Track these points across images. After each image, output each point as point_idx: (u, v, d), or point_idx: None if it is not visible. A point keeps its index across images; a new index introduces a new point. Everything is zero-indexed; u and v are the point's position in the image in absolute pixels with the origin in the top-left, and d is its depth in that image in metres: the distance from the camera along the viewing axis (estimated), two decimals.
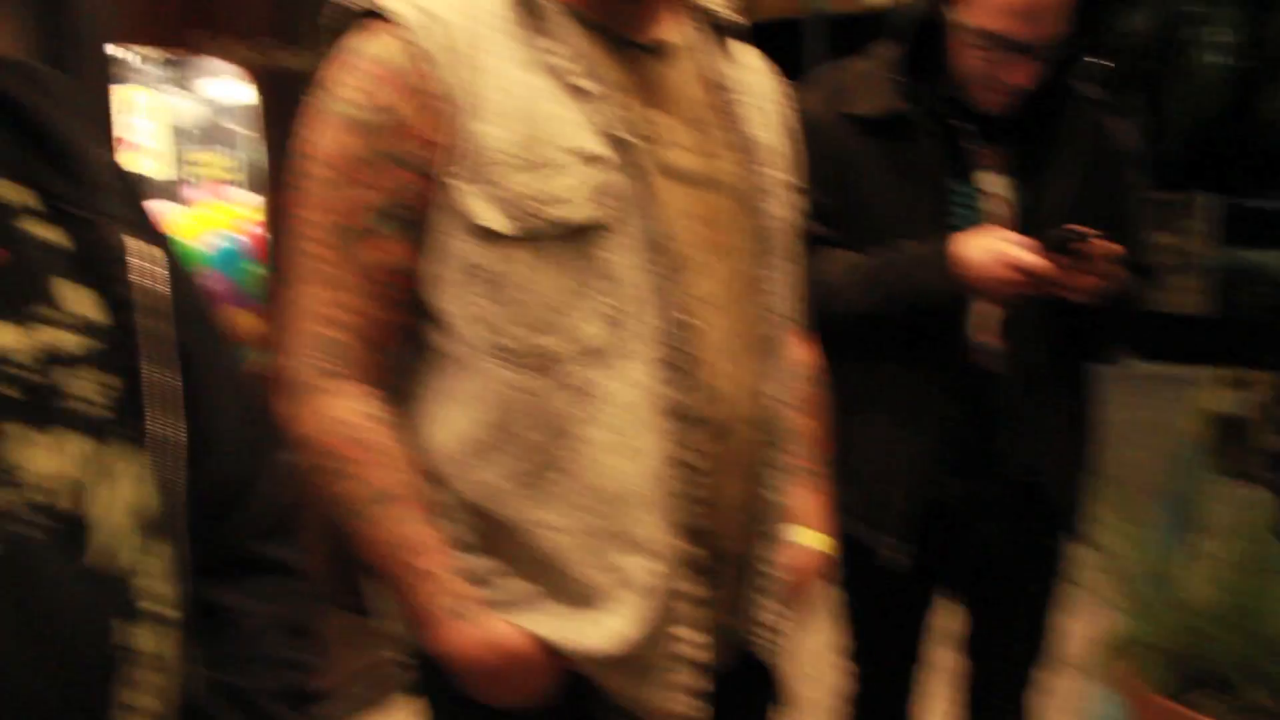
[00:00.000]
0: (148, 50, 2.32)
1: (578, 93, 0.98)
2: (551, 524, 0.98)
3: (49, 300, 0.66)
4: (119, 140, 1.57)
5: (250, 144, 2.57)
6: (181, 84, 2.52)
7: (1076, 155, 1.64)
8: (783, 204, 1.11)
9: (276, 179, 2.50)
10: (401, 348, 1.04)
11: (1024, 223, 1.60)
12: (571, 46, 0.99)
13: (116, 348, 0.68)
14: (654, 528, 0.98)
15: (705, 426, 1.00)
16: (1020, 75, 1.56)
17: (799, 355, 1.22)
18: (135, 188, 0.77)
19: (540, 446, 0.97)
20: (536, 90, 0.97)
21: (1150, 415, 1.65)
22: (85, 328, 0.67)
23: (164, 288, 0.70)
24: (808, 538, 1.19)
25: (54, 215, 0.68)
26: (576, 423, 0.97)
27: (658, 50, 1.05)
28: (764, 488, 1.08)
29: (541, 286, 0.96)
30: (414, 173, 0.97)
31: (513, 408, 0.97)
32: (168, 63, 2.47)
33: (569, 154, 0.96)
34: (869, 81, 1.66)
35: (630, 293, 0.97)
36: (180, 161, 2.54)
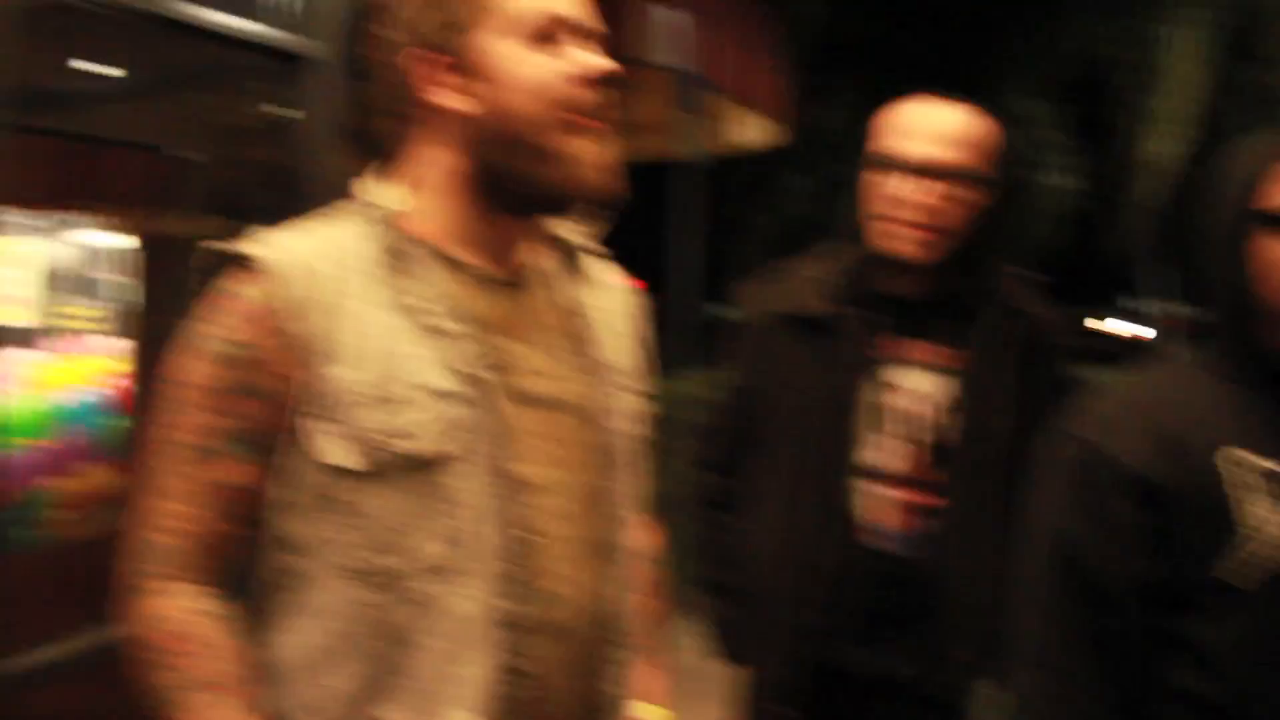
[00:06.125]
0: (24, 211, 2.33)
1: (434, 331, 1.07)
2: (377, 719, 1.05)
3: None
4: None
5: (123, 291, 2.57)
6: (52, 232, 2.52)
7: (1007, 343, 1.68)
8: (627, 420, 1.21)
9: (147, 331, 2.50)
10: (251, 566, 1.10)
11: (956, 416, 1.66)
12: (434, 286, 1.09)
13: None
14: None
15: (543, 632, 1.09)
16: (921, 199, 1.62)
17: (642, 541, 1.30)
18: None
19: (384, 655, 1.04)
20: (394, 331, 1.06)
21: None
22: None
23: None
24: (648, 713, 1.26)
25: None
26: (417, 633, 1.04)
27: (516, 282, 1.15)
28: (604, 682, 1.16)
29: (387, 512, 1.04)
30: (267, 404, 1.05)
31: (359, 620, 1.04)
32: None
33: (419, 390, 1.04)
34: (802, 281, 1.77)
35: (471, 514, 1.05)
36: (47, 311, 2.51)
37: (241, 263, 1.08)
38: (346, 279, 1.07)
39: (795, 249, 1.95)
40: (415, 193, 1.12)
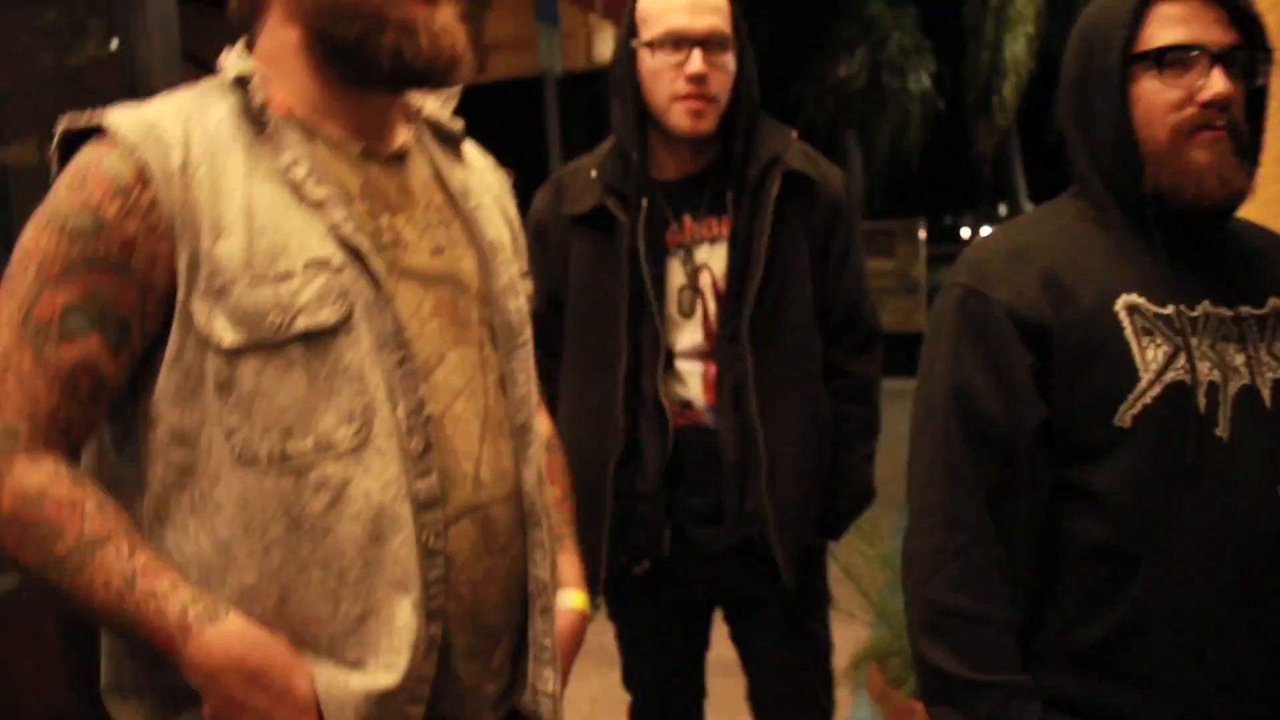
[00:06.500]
0: None
1: (313, 203, 1.01)
2: (314, 617, 1.00)
3: None
4: None
5: None
6: None
7: (773, 203, 1.70)
8: (518, 296, 1.17)
9: None
10: (129, 465, 1.03)
11: (733, 287, 1.70)
12: (306, 157, 1.03)
13: None
14: (408, 613, 1.01)
15: (459, 512, 1.05)
16: (693, 69, 1.63)
17: (544, 424, 1.28)
18: None
19: (294, 545, 0.99)
20: (272, 203, 1.00)
21: (887, 429, 1.84)
22: None
23: None
24: (568, 598, 1.25)
25: None
26: (329, 518, 0.99)
27: (393, 157, 1.10)
28: (530, 564, 1.13)
29: (283, 393, 0.98)
30: (118, 278, 0.97)
31: (263, 510, 0.98)
32: None
33: (304, 262, 0.99)
34: (583, 179, 1.79)
35: (370, 390, 1.00)
36: None
37: (101, 134, 0.99)
38: (216, 149, 1.00)
39: None
40: (273, 69, 1.05)
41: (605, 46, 5.44)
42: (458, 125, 1.20)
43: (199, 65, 2.11)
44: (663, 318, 1.72)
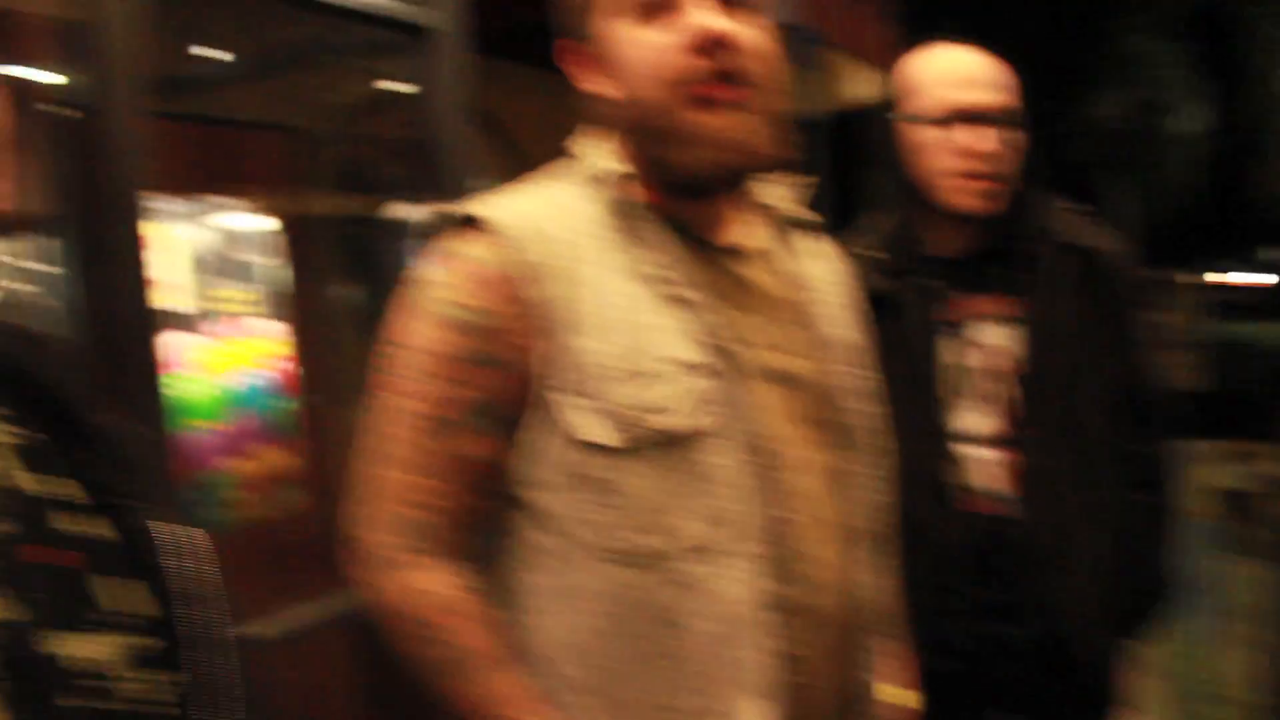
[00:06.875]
0: (171, 198, 2.38)
1: (675, 300, 1.03)
2: (661, 704, 1.01)
3: (114, 600, 0.65)
4: (150, 281, 1.60)
5: (270, 274, 2.62)
6: (198, 216, 2.58)
7: (1066, 282, 1.63)
8: (860, 399, 1.16)
9: (300, 310, 2.54)
10: (495, 539, 1.07)
11: (1031, 370, 1.61)
12: (666, 253, 1.04)
13: (173, 640, 0.67)
14: (753, 715, 1.02)
15: (806, 617, 1.04)
16: (988, 147, 1.59)
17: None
18: (145, 457, 0.76)
19: (653, 637, 1.01)
20: (635, 300, 1.02)
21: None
22: (141, 624, 0.66)
23: (196, 571, 0.69)
24: (894, 695, 1.22)
25: (101, 508, 0.67)
26: (685, 615, 1.00)
27: (736, 252, 1.10)
28: (859, 669, 1.12)
29: (645, 491, 1.00)
30: (506, 375, 1.01)
31: (622, 600, 1.01)
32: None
33: (669, 363, 1.00)
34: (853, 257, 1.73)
35: (731, 492, 1.01)
36: (201, 295, 2.57)
37: (470, 224, 1.04)
38: (579, 243, 1.03)
39: None
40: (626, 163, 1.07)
41: (855, 88, 5.35)
42: (801, 213, 1.18)
43: (484, 119, 2.21)
44: (948, 402, 1.64)
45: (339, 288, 2.75)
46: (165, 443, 1.67)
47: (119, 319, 1.54)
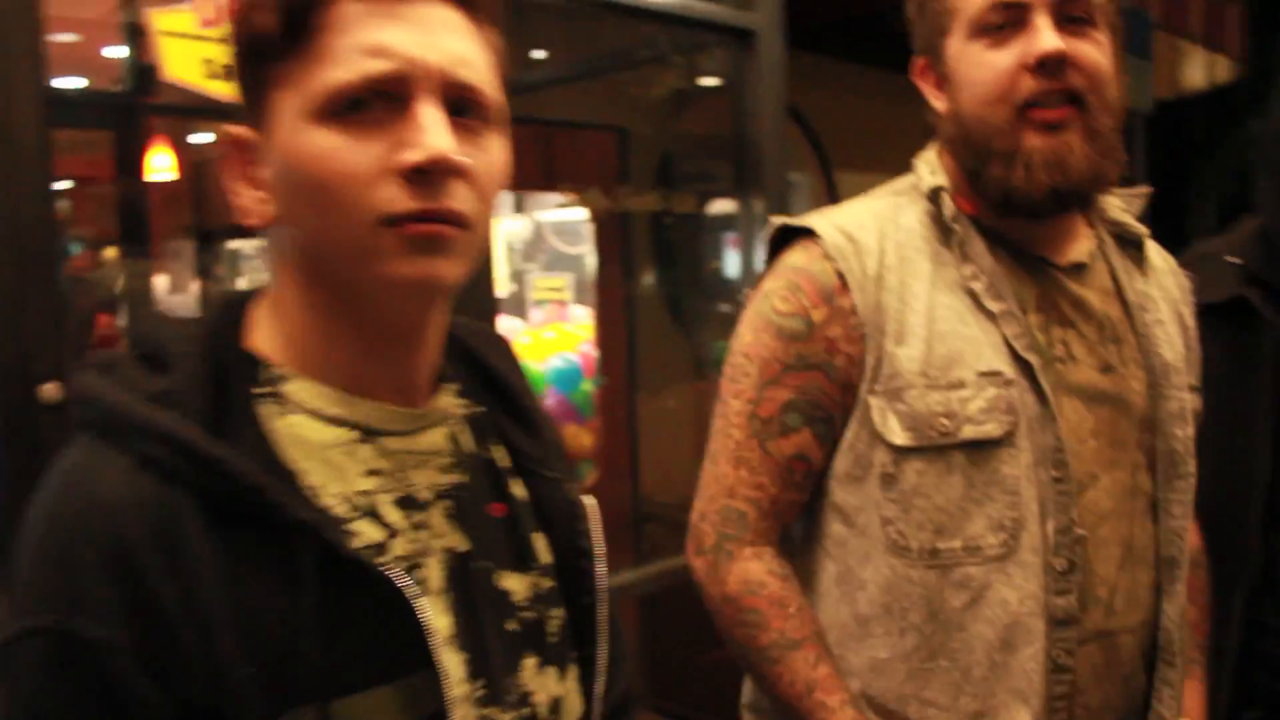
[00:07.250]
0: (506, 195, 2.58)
1: (990, 314, 1.05)
2: (934, 702, 1.05)
3: (531, 549, 0.79)
4: (490, 269, 1.74)
5: (580, 263, 2.78)
6: (523, 211, 2.77)
7: None
8: (1186, 424, 1.13)
9: (602, 299, 2.68)
10: (799, 527, 1.14)
11: None
12: (985, 267, 1.07)
13: (561, 584, 0.80)
14: None
15: (1090, 634, 1.05)
16: None
17: (1193, 548, 1.21)
18: (558, 436, 0.89)
19: (928, 634, 1.05)
20: (953, 312, 1.05)
21: None
22: (547, 569, 0.79)
23: (599, 534, 0.83)
24: None
25: (520, 472, 0.81)
26: (966, 618, 1.03)
27: (1071, 269, 1.11)
28: (1155, 700, 1.10)
29: (941, 493, 1.03)
30: (824, 377, 1.07)
31: (905, 596, 1.05)
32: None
33: (980, 374, 1.03)
34: (1218, 264, 1.58)
35: (1024, 503, 1.03)
36: (520, 283, 2.78)
37: (807, 238, 1.10)
38: (906, 257, 1.08)
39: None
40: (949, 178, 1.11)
41: (1194, 73, 4.94)
42: (1139, 230, 1.17)
43: (794, 115, 2.23)
44: None
45: (647, 279, 2.88)
46: None
47: (465, 306, 1.68)
